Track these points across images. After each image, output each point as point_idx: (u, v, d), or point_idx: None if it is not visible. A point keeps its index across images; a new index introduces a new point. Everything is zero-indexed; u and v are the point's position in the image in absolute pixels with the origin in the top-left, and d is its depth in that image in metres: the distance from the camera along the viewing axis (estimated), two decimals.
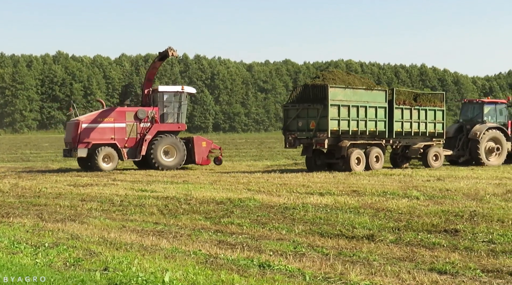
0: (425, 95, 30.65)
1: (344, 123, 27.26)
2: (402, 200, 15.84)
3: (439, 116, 30.23)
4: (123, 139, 31.02)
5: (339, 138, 27.47)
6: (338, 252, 9.97)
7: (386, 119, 28.34)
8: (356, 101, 27.55)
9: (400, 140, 29.41)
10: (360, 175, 24.68)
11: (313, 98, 27.36)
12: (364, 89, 27.94)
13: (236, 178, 24.36)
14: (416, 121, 29.38)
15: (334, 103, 26.94)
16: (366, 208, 14.51)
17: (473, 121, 32.44)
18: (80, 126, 30.54)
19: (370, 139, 28.30)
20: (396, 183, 20.83)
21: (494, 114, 32.78)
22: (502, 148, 31.93)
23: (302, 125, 27.84)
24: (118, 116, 31.24)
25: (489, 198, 15.92)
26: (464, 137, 32.16)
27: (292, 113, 28.19)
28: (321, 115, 27.03)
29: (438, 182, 20.81)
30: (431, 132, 29.97)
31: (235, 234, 11.71)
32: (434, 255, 9.60)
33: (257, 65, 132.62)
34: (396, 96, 28.77)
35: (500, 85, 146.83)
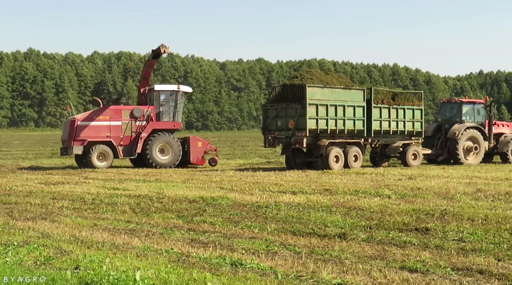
0: (403, 94, 30.93)
1: (323, 122, 27.50)
2: (374, 199, 15.92)
3: (418, 115, 30.53)
4: (118, 137, 31.27)
5: (317, 137, 27.69)
6: (310, 250, 10.00)
7: (364, 118, 28.63)
8: (335, 101, 27.81)
9: (379, 139, 29.70)
10: (333, 174, 24.78)
11: (291, 98, 27.58)
12: (342, 89, 28.21)
13: (208, 177, 24.33)
14: (395, 120, 29.69)
15: (312, 102, 27.20)
16: (338, 207, 14.56)
17: (452, 121, 32.83)
18: (76, 124, 30.71)
19: (349, 138, 28.55)
20: (368, 182, 20.93)
21: (472, 114, 33.20)
22: (479, 147, 32.34)
23: (281, 124, 28.08)
24: (114, 115, 31.46)
25: (460, 197, 16.07)
26: (443, 137, 32.54)
27: (271, 113, 28.43)
28: (300, 114, 27.30)
29: (410, 181, 20.95)
30: (409, 131, 30.27)
31: (208, 233, 11.69)
32: (405, 254, 9.66)
33: (231, 63, 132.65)
34: (374, 95, 29.03)
35: (471, 85, 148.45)
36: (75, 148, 30.59)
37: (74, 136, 30.67)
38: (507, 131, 34.27)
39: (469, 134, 32.12)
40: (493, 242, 10.36)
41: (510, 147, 33.22)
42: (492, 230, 11.30)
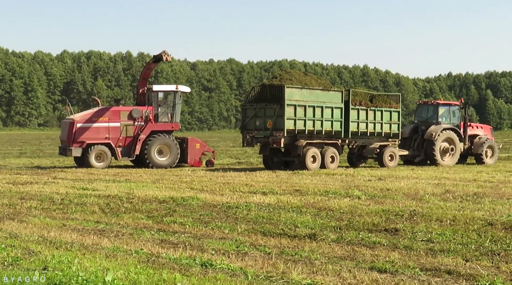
0: (381, 96, 31.33)
1: (300, 123, 27.75)
2: (344, 200, 16.00)
3: (395, 117, 30.92)
4: (117, 139, 31.08)
5: (295, 137, 27.93)
6: (280, 251, 10.02)
7: (342, 120, 28.92)
8: (313, 102, 28.08)
9: (356, 140, 29.99)
10: (303, 174, 24.85)
11: (270, 98, 27.80)
12: (320, 90, 28.48)
13: (179, 177, 24.26)
14: (372, 122, 30.03)
15: (291, 103, 27.44)
16: (308, 207, 14.60)
17: (428, 122, 33.18)
18: (75, 125, 30.60)
19: (326, 139, 28.86)
20: (338, 183, 21.02)
21: (448, 116, 33.65)
22: (455, 148, 32.77)
23: (259, 124, 28.32)
24: (112, 116, 31.20)
25: (428, 198, 16.21)
26: (420, 138, 32.87)
27: (250, 113, 28.63)
28: (278, 114, 27.53)
29: (379, 182, 21.09)
30: (386, 132, 30.66)
31: (178, 233, 11.66)
32: (375, 254, 9.73)
33: (201, 63, 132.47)
34: (352, 97, 29.31)
35: (440, 87, 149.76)
36: (74, 150, 30.46)
37: (73, 138, 30.57)
38: (481, 133, 34.79)
39: (446, 136, 32.53)
40: (461, 242, 10.47)
41: (485, 148, 33.68)
42: (460, 230, 11.42)
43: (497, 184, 20.26)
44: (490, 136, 34.66)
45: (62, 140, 32.08)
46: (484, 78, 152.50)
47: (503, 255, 9.62)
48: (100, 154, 30.69)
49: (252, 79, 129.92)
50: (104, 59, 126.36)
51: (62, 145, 32.13)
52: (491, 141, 34.11)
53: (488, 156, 33.87)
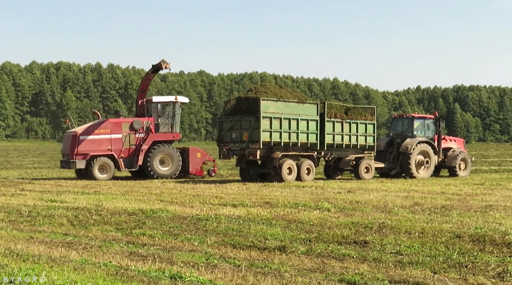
0: (356, 109, 31.75)
1: (276, 135, 27.98)
2: (314, 212, 16.03)
3: (370, 130, 31.31)
4: (119, 150, 31.41)
5: (271, 149, 28.09)
6: (250, 263, 10.00)
7: (317, 132, 29.23)
8: (288, 114, 28.36)
9: (332, 153, 30.28)
10: (273, 187, 24.88)
11: (246, 111, 28.08)
12: (295, 102, 28.79)
13: (148, 189, 24.15)
14: (348, 134, 30.36)
15: (266, 115, 27.69)
16: (278, 220, 14.61)
17: (403, 135, 33.58)
18: (77, 138, 30.86)
19: (302, 151, 29.08)
20: (308, 195, 21.07)
21: (423, 129, 34.13)
22: (430, 161, 33.20)
23: (235, 136, 28.53)
24: (114, 128, 31.55)
25: (397, 210, 16.31)
26: (395, 151, 33.23)
27: (226, 125, 28.86)
28: (254, 127, 27.76)
29: (349, 194, 21.18)
30: (362, 145, 30.98)
31: (147, 245, 11.59)
32: (344, 266, 9.75)
33: (172, 75, 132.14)
34: (327, 109, 29.71)
35: (409, 100, 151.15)
36: (78, 162, 30.64)
37: (76, 151, 30.77)
38: (455, 146, 35.35)
39: (421, 149, 32.94)
40: (429, 254, 10.54)
41: (458, 161, 34.16)
42: (429, 243, 11.50)
43: (465, 196, 20.46)
44: (463, 150, 35.25)
45: (65, 153, 32.22)
46: (452, 92, 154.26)
47: (471, 267, 9.71)
48: (103, 166, 30.98)
49: (223, 91, 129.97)
50: (73, 71, 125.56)
51: (64, 158, 32.27)
52: (464, 154, 34.68)
53: (461, 168, 34.41)
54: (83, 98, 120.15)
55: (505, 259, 10.15)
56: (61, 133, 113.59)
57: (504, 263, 9.89)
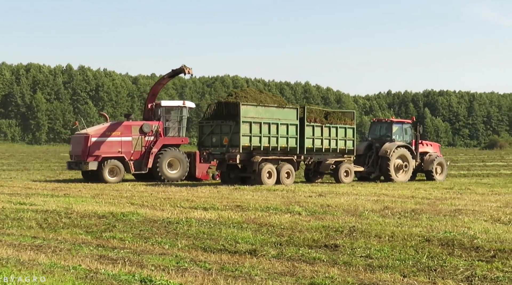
0: (335, 113, 32.11)
1: (256, 140, 28.28)
2: (285, 215, 16.06)
3: (350, 134, 31.70)
4: (129, 153, 31.90)
5: (251, 153, 28.36)
6: (220, 266, 9.99)
7: (297, 136, 29.55)
8: (268, 119, 28.69)
9: (312, 156, 30.61)
10: (244, 190, 24.89)
11: (226, 115, 28.36)
12: (275, 107, 29.15)
13: (119, 192, 24.02)
14: (327, 138, 30.74)
15: (246, 120, 27.96)
16: (249, 223, 14.61)
17: (382, 140, 34.01)
18: (89, 140, 31.26)
19: (282, 155, 29.37)
20: (279, 198, 21.11)
21: (401, 133, 34.64)
22: (409, 165, 33.71)
23: (216, 141, 28.78)
24: (124, 130, 32.08)
25: (368, 214, 16.39)
26: (374, 155, 33.65)
27: (207, 130, 29.08)
28: (233, 131, 28.02)
29: (320, 198, 21.24)
30: (341, 149, 31.37)
31: (117, 249, 11.53)
32: (314, 270, 9.78)
33: (143, 78, 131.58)
34: (307, 114, 30.05)
35: (379, 104, 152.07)
36: (90, 164, 31.00)
37: (88, 152, 31.20)
38: (431, 150, 35.92)
39: (399, 153, 33.41)
40: (399, 258, 10.61)
41: (435, 165, 34.62)
42: (398, 246, 11.58)
43: (434, 200, 20.63)
44: (439, 154, 35.80)
45: (74, 154, 32.42)
46: (422, 96, 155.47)
47: (440, 271, 9.79)
48: (113, 168, 31.40)
49: (195, 94, 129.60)
50: (43, 72, 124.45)
51: (73, 159, 32.46)
52: (441, 159, 35.24)
53: (438, 172, 34.91)
54: (54, 100, 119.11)
55: (474, 263, 10.25)
56: (30, 136, 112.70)
57: (472, 267, 9.99)
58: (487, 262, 10.34)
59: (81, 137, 31.82)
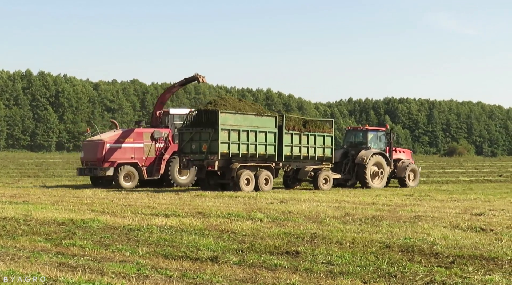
0: (314, 121, 32.89)
1: (234, 147, 28.85)
2: (246, 222, 16.06)
3: (328, 142, 32.33)
4: (142, 159, 32.86)
5: (230, 160, 28.92)
6: (181, 274, 9.95)
7: (275, 144, 30.16)
8: (247, 126, 29.26)
9: (291, 164, 31.33)
10: (206, 197, 24.86)
11: (205, 123, 28.92)
12: (254, 115, 29.75)
13: (79, 199, 23.80)
14: (306, 146, 31.40)
15: (225, 127, 28.54)
16: (211, 230, 14.58)
17: (358, 147, 34.78)
18: (105, 146, 32.05)
19: (260, 162, 29.99)
20: (241, 205, 21.11)
21: (376, 141, 35.48)
22: (384, 172, 34.50)
23: (195, 148, 29.32)
24: (137, 137, 33.00)
25: (329, 221, 16.46)
26: (350, 162, 34.39)
27: (186, 137, 29.57)
28: (212, 138, 28.58)
29: (282, 205, 21.29)
30: (320, 156, 32.04)
31: (77, 256, 11.41)
32: (276, 277, 9.79)
33: (104, 84, 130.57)
34: (286, 122, 30.66)
35: (340, 111, 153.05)
36: (107, 169, 31.78)
37: (104, 158, 31.97)
38: (404, 157, 36.88)
39: (375, 160, 34.26)
40: (359, 265, 10.68)
41: (408, 171, 35.51)
42: (359, 253, 11.65)
43: (395, 207, 20.82)
44: (411, 161, 36.61)
45: (87, 160, 33.04)
46: (383, 104, 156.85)
47: (400, 277, 9.87)
48: (128, 174, 32.34)
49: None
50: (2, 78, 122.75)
51: (86, 165, 33.13)
52: (413, 165, 36.19)
53: (411, 179, 35.90)
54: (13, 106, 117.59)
55: (433, 269, 10.36)
56: None
57: (431, 273, 10.09)
58: (446, 268, 10.46)
59: (96, 144, 32.61)
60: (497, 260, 11.09)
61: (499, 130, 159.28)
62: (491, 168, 65.03)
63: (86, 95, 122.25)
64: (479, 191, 30.95)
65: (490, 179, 46.07)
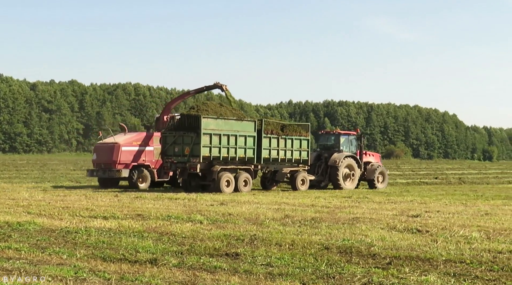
0: (291, 126, 34.21)
1: (216, 150, 30.18)
2: (186, 224, 16.01)
3: (304, 145, 34.00)
4: (152, 161, 34.54)
5: (211, 163, 30.22)
6: (120, 276, 9.86)
7: (255, 147, 31.58)
8: (227, 131, 30.62)
9: (269, 166, 32.86)
10: (146, 199, 24.68)
11: (188, 127, 30.23)
12: (235, 120, 31.16)
13: (15, 201, 23.34)
14: (283, 149, 33.00)
15: (207, 132, 29.88)
16: (150, 232, 14.49)
17: (331, 150, 36.38)
18: (120, 148, 33.52)
19: (240, 164, 31.40)
20: (181, 207, 21.04)
21: (348, 144, 37.12)
22: (355, 174, 36.14)
23: (178, 150, 30.66)
24: (147, 140, 34.58)
25: (269, 223, 16.53)
26: (324, 165, 35.89)
27: (170, 140, 30.88)
28: (195, 142, 29.95)
29: (221, 207, 21.30)
30: (297, 159, 33.64)
31: (12, 259, 11.19)
32: (215, 279, 9.79)
33: (42, 84, 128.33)
34: (264, 126, 32.20)
35: (281, 114, 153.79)
36: (123, 171, 33.40)
37: (119, 160, 33.42)
38: (373, 160, 38.54)
39: (347, 162, 35.84)
40: (298, 266, 10.75)
41: (377, 174, 37.19)
42: (298, 254, 11.73)
43: (333, 209, 21.04)
44: (380, 163, 38.19)
45: (100, 162, 34.33)
46: (322, 106, 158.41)
47: (338, 278, 9.98)
48: (142, 176, 34.08)
49: (95, 101, 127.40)
50: None
51: (99, 167, 34.33)
52: (382, 168, 37.94)
53: (379, 181, 37.69)
54: None
55: (370, 270, 10.51)
56: None
57: (369, 273, 10.23)
58: (383, 269, 10.62)
59: (111, 147, 33.85)
60: (432, 260, 11.31)
61: (435, 133, 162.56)
62: (427, 171, 66.41)
63: (22, 96, 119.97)
64: (416, 193, 31.59)
65: (426, 181, 47.18)
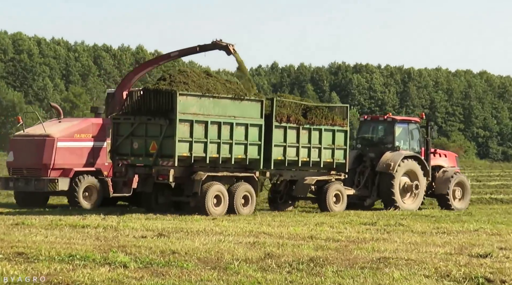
0: (319, 108, 33.43)
1: (199, 147, 29.95)
2: (101, 269, 15.79)
3: (340, 140, 33.24)
4: (105, 165, 34.52)
5: (191, 168, 30.00)
6: None
7: (261, 143, 31.14)
8: (218, 116, 30.24)
9: (282, 173, 32.50)
10: (32, 226, 24.63)
11: (155, 110, 29.63)
12: (230, 99, 30.52)
13: None
14: (306, 146, 32.28)
15: (185, 118, 29.44)
16: (38, 284, 14.23)
17: (380, 147, 35.27)
18: (54, 145, 33.28)
19: (238, 170, 31.26)
20: (92, 240, 20.90)
21: (407, 138, 35.79)
22: (420, 185, 34.84)
23: (138, 147, 30.37)
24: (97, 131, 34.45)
25: (239, 267, 16.31)
26: (368, 170, 34.90)
27: (125, 130, 30.44)
28: (166, 134, 29.52)
29: (160, 239, 21.13)
30: (327, 162, 33.09)
31: None
32: None
33: None
34: (277, 109, 31.42)
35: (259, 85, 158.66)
36: (60, 181, 33.11)
37: (53, 163, 33.29)
38: (446, 163, 37.22)
39: (407, 167, 34.60)
40: None
41: (452, 186, 35.89)
42: None
43: (346, 243, 20.96)
44: (457, 169, 36.80)
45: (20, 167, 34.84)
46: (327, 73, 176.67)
47: None
48: (89, 189, 34.24)
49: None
50: None
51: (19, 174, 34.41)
52: (461, 176, 36.71)
53: (457, 197, 36.31)
54: None
55: None
56: None
57: None
58: None
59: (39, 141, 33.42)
60: None
61: None
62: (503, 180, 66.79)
63: None
64: (483, 218, 31.42)
65: (500, 198, 46.48)
